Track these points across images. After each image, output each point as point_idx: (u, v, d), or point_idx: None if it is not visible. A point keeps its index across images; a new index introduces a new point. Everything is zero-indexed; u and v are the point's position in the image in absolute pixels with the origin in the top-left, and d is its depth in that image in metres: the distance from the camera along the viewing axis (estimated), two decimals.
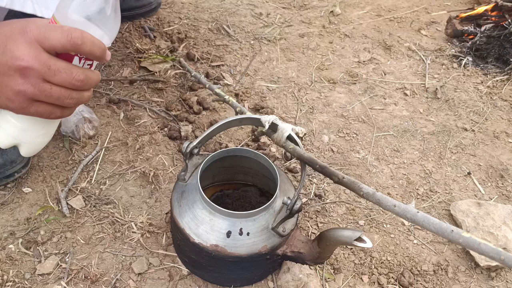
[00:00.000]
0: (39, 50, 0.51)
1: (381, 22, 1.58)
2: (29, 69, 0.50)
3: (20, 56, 0.50)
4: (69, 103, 0.55)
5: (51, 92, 0.52)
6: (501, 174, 1.07)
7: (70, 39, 0.51)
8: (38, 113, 0.54)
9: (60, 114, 0.56)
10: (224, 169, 0.87)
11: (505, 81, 1.34)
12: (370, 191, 0.65)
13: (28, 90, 0.51)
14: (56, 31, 0.52)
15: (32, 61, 0.50)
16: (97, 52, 0.55)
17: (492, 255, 0.50)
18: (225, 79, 1.27)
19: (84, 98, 0.57)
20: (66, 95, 0.54)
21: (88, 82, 0.55)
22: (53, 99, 0.53)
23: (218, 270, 0.76)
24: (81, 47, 0.53)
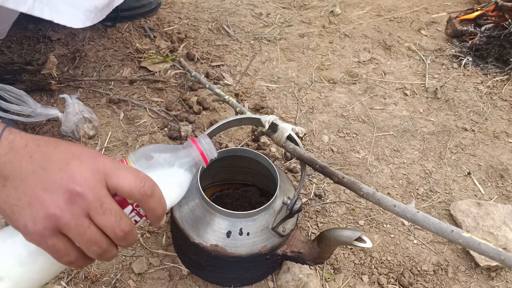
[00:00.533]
0: (101, 183, 0.46)
1: (381, 22, 1.58)
2: (80, 197, 0.44)
3: (79, 180, 0.45)
4: (94, 251, 0.47)
5: (86, 231, 0.45)
6: (501, 174, 1.07)
7: (141, 186, 0.47)
8: (53, 249, 0.45)
9: (73, 260, 0.47)
10: (224, 169, 0.87)
11: (505, 81, 1.34)
12: (370, 191, 0.65)
13: (64, 218, 0.44)
14: (130, 173, 0.47)
15: (88, 190, 0.45)
16: (158, 212, 0.50)
17: (492, 255, 0.50)
18: (225, 79, 1.27)
19: (109, 255, 0.49)
20: (99, 241, 0.46)
21: (127, 238, 0.48)
22: (83, 239, 0.45)
23: (218, 270, 0.76)
24: (147, 200, 0.48)
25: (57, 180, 0.44)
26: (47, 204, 0.44)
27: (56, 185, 0.44)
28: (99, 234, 0.46)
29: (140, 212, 0.51)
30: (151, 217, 0.50)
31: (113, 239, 0.47)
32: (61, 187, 0.44)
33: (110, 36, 1.36)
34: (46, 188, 0.44)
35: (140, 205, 0.49)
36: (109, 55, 1.30)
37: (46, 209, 0.44)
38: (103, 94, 1.17)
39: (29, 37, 1.32)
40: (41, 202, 0.44)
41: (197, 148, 0.57)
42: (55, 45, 1.30)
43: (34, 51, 1.28)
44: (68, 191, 0.44)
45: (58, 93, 1.13)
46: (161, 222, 0.51)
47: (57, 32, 1.34)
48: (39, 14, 0.86)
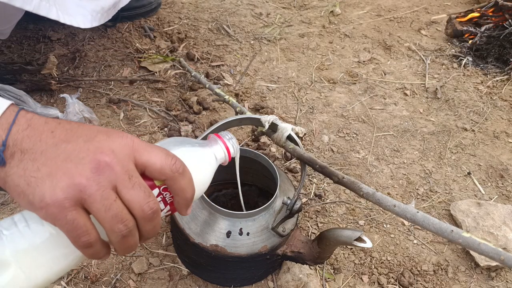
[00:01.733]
0: (130, 157, 0.42)
1: (381, 22, 1.58)
2: (108, 167, 0.40)
3: (106, 150, 0.41)
4: (119, 230, 0.41)
5: (112, 205, 0.40)
6: (501, 174, 1.07)
7: (173, 163, 0.44)
8: (72, 226, 0.39)
9: (92, 241, 0.41)
10: (224, 169, 0.87)
11: (505, 81, 1.34)
12: (370, 191, 0.65)
13: (90, 188, 0.39)
14: (161, 151, 0.44)
15: (116, 161, 0.41)
16: (188, 194, 0.46)
17: (491, 255, 0.50)
18: (225, 79, 1.27)
19: (132, 241, 0.43)
20: (125, 218, 0.41)
21: (154, 219, 0.43)
22: (108, 214, 0.40)
23: (218, 270, 0.76)
24: (178, 178, 0.44)
25: (83, 151, 0.40)
26: (71, 173, 0.39)
27: (82, 155, 0.40)
28: (125, 211, 0.41)
29: (166, 198, 0.47)
30: (180, 200, 0.46)
31: (140, 218, 0.42)
32: (87, 157, 0.40)
33: (110, 36, 1.36)
34: (70, 159, 0.40)
35: (170, 184, 0.45)
36: (109, 55, 1.30)
37: (70, 178, 0.39)
38: (103, 94, 1.17)
39: (29, 37, 1.32)
40: (64, 171, 0.39)
41: (223, 144, 0.56)
42: (55, 45, 1.30)
43: (34, 51, 1.28)
44: (95, 160, 0.40)
45: (58, 93, 1.13)
46: (188, 211, 0.48)
47: (57, 32, 1.34)
48: (45, 13, 0.86)
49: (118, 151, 0.41)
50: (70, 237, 0.40)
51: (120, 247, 0.43)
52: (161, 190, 0.46)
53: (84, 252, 0.42)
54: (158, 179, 0.45)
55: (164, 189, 0.46)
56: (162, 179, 0.45)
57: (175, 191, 0.46)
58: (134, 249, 0.45)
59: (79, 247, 0.41)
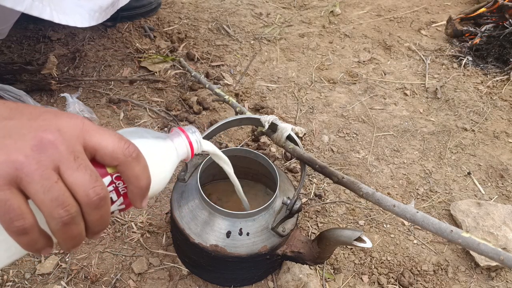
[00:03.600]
0: (78, 138, 0.38)
1: (381, 22, 1.58)
2: (51, 145, 0.36)
3: (52, 129, 0.37)
4: (59, 216, 0.36)
5: (52, 186, 0.35)
6: (501, 174, 1.07)
7: (126, 147, 0.40)
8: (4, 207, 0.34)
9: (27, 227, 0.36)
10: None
11: (505, 81, 1.34)
12: (370, 191, 0.65)
13: (27, 167, 0.35)
14: (113, 134, 0.40)
15: (61, 140, 0.37)
16: (143, 182, 0.42)
17: (491, 255, 0.50)
18: (225, 79, 1.27)
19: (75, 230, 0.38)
20: (66, 202, 0.36)
21: (101, 207, 0.38)
22: (47, 196, 0.35)
23: (218, 270, 0.76)
24: (132, 163, 0.40)
25: (26, 127, 0.36)
26: (8, 149, 0.35)
27: (23, 132, 0.36)
28: (68, 194, 0.36)
29: (119, 188, 0.42)
30: (134, 189, 0.42)
31: (84, 204, 0.37)
32: (29, 134, 0.36)
33: (110, 36, 1.36)
34: (10, 135, 0.36)
35: (123, 170, 0.41)
36: (109, 55, 1.30)
37: (6, 154, 0.35)
38: (103, 94, 1.17)
39: (29, 37, 1.32)
40: (1, 147, 0.35)
41: (186, 138, 0.52)
42: (55, 45, 1.30)
43: (34, 51, 1.28)
44: (37, 137, 0.36)
45: (58, 93, 1.13)
46: (143, 203, 0.43)
47: (57, 32, 1.34)
48: (37, 14, 0.85)
49: (65, 130, 0.37)
50: (2, 221, 0.35)
51: (62, 237, 0.38)
52: (114, 178, 0.42)
53: (19, 240, 0.36)
54: (110, 164, 0.40)
55: (117, 177, 0.42)
56: (114, 164, 0.40)
57: (128, 179, 0.41)
58: (78, 243, 0.39)
59: (12, 233, 0.36)
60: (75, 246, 0.39)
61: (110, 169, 0.41)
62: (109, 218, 0.40)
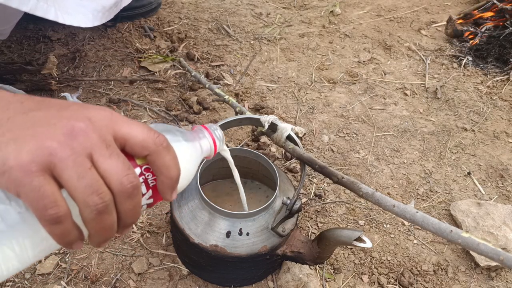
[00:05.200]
0: (108, 128, 0.38)
1: (381, 22, 1.58)
2: (83, 133, 0.36)
3: (82, 118, 0.36)
4: (94, 203, 0.35)
5: (86, 173, 0.35)
6: (501, 174, 1.07)
7: (156, 137, 0.40)
8: (38, 194, 0.33)
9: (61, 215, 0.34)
10: (224, 169, 0.87)
11: (505, 81, 1.34)
12: (370, 191, 0.65)
13: (61, 152, 0.34)
14: (142, 125, 0.40)
15: (92, 129, 0.36)
16: (173, 172, 0.41)
17: (491, 255, 0.50)
18: (225, 79, 1.27)
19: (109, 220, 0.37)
20: (100, 189, 0.35)
21: (134, 196, 0.38)
22: (81, 183, 0.35)
23: (218, 270, 0.76)
24: (163, 152, 0.40)
25: (55, 117, 0.36)
26: (41, 136, 0.34)
27: (54, 121, 0.36)
28: (101, 181, 0.36)
29: (148, 180, 0.42)
30: (165, 179, 0.41)
31: (118, 192, 0.37)
32: (60, 123, 0.36)
33: (110, 36, 1.36)
34: (40, 124, 0.35)
35: (154, 159, 0.40)
36: (109, 55, 1.30)
37: (39, 140, 0.34)
38: (103, 94, 1.17)
39: (29, 37, 1.32)
40: (32, 134, 0.34)
41: (210, 136, 0.53)
42: (55, 45, 1.30)
43: (34, 51, 1.28)
44: (68, 125, 0.36)
45: (58, 93, 1.13)
46: (173, 195, 0.42)
47: (57, 32, 1.34)
48: (42, 14, 0.86)
49: (95, 119, 0.37)
50: (35, 209, 0.34)
51: (95, 228, 0.37)
52: (143, 170, 0.41)
53: (52, 230, 0.35)
54: (140, 154, 0.40)
55: (146, 169, 0.42)
56: (144, 154, 0.40)
57: (159, 168, 0.40)
58: (110, 235, 0.38)
59: (45, 222, 0.34)
60: (106, 239, 0.39)
61: (140, 160, 0.41)
62: (140, 210, 0.40)
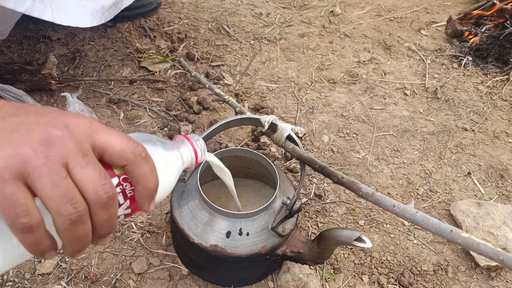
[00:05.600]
0: (85, 136, 0.37)
1: (381, 22, 1.58)
2: (60, 141, 0.35)
3: (59, 125, 0.36)
4: (68, 213, 0.34)
5: (61, 182, 0.34)
6: (501, 174, 1.07)
7: (135, 147, 0.39)
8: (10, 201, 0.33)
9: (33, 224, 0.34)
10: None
11: (505, 81, 1.34)
12: (370, 191, 0.65)
13: (35, 160, 0.33)
14: (121, 134, 0.39)
15: (69, 137, 0.36)
16: (151, 183, 0.40)
17: (491, 255, 0.50)
18: (225, 79, 1.27)
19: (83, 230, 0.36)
20: (75, 199, 0.35)
21: (109, 207, 0.37)
22: (55, 192, 0.34)
23: (218, 270, 0.76)
24: (141, 162, 0.39)
25: (33, 123, 0.35)
26: (16, 143, 0.34)
27: (31, 127, 0.35)
28: (76, 191, 0.35)
29: (126, 190, 0.41)
30: (142, 190, 0.40)
31: (93, 203, 0.36)
32: (37, 129, 0.35)
33: (110, 36, 1.36)
34: (16, 131, 0.35)
35: (132, 170, 0.39)
36: (109, 55, 1.30)
37: (14, 147, 0.34)
38: (103, 94, 1.17)
39: (29, 37, 1.32)
40: (7, 141, 0.34)
41: (191, 147, 0.51)
42: (55, 45, 1.30)
43: (34, 51, 1.28)
44: (45, 132, 0.35)
45: (58, 93, 1.13)
46: (151, 206, 0.42)
47: (57, 32, 1.34)
48: (38, 15, 0.86)
49: (73, 127, 0.36)
50: (6, 217, 0.33)
51: (68, 238, 0.36)
52: (121, 180, 0.41)
53: (23, 239, 0.34)
54: (118, 163, 0.39)
55: (124, 179, 0.41)
56: (122, 164, 0.39)
57: (137, 179, 0.40)
58: (84, 246, 0.38)
59: (17, 230, 0.34)
60: (80, 250, 0.38)
61: (118, 170, 0.40)
62: (116, 221, 0.39)
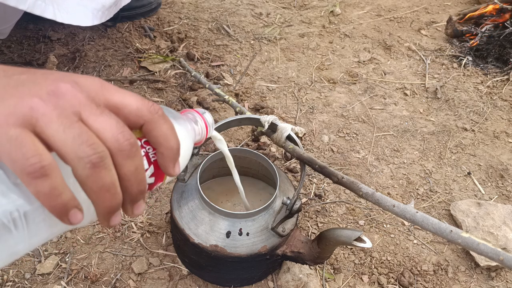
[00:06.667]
0: (97, 93, 0.33)
1: (381, 22, 1.58)
2: (70, 93, 0.31)
3: (68, 80, 0.32)
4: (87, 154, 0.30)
5: (73, 124, 0.30)
6: (501, 174, 1.07)
7: (150, 105, 0.35)
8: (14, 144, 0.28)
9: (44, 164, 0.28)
10: (224, 169, 0.87)
11: (505, 81, 1.34)
12: (369, 191, 0.65)
13: (43, 107, 0.30)
14: (134, 94, 0.36)
15: (80, 90, 0.32)
16: (172, 142, 0.37)
17: (491, 255, 0.50)
18: (225, 79, 1.27)
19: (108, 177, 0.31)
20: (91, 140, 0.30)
21: (134, 158, 0.33)
22: (68, 134, 0.30)
23: (218, 270, 0.76)
24: (159, 121, 0.36)
25: (40, 78, 0.32)
26: (22, 94, 0.30)
27: (38, 81, 0.32)
28: (91, 133, 0.31)
29: (149, 154, 0.38)
30: (165, 151, 0.37)
31: (115, 150, 0.32)
32: (44, 82, 0.31)
33: (110, 36, 1.36)
34: (23, 84, 0.31)
35: (151, 129, 0.36)
36: (109, 55, 1.30)
37: (20, 97, 0.30)
38: None
39: (29, 37, 1.32)
40: (13, 93, 0.30)
41: (203, 121, 0.50)
42: (55, 45, 1.30)
43: (34, 51, 1.28)
44: (54, 85, 0.31)
45: None
46: (176, 168, 0.38)
47: (57, 32, 1.34)
48: (39, 12, 0.86)
49: (84, 84, 0.33)
50: (12, 162, 0.28)
51: (94, 188, 0.31)
52: (143, 143, 0.38)
53: (37, 189, 0.29)
54: (135, 123, 0.36)
55: (146, 142, 0.38)
56: (140, 123, 0.36)
57: (157, 139, 0.36)
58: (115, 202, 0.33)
59: (27, 176, 0.28)
60: (112, 208, 0.33)
61: (137, 133, 0.37)
62: (145, 177, 0.35)
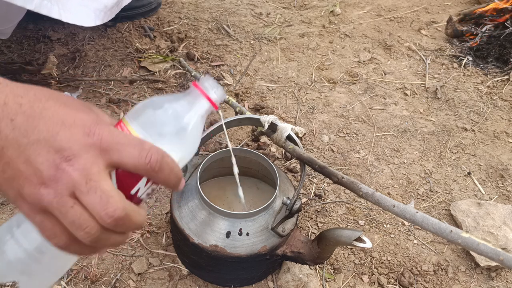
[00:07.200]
0: (94, 159, 0.40)
1: (381, 22, 1.58)
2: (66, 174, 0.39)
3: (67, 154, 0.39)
4: (82, 236, 0.39)
5: (68, 212, 0.38)
6: (501, 174, 1.07)
7: (147, 162, 0.41)
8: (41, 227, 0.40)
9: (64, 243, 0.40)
10: (224, 169, 0.87)
11: (505, 81, 1.34)
12: (369, 191, 0.65)
13: (46, 197, 0.39)
14: (133, 147, 0.41)
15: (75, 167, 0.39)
16: (172, 181, 0.43)
17: (491, 255, 0.50)
18: (225, 79, 1.27)
19: (108, 242, 0.41)
20: (84, 225, 0.39)
21: (119, 225, 0.40)
22: (66, 222, 0.39)
23: (218, 270, 0.76)
24: (157, 174, 0.42)
25: (43, 154, 0.39)
26: (30, 180, 0.39)
27: (41, 160, 0.39)
28: (84, 217, 0.39)
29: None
30: (167, 186, 0.45)
31: (104, 226, 0.39)
32: (46, 162, 0.39)
33: (110, 36, 1.36)
34: (29, 161, 0.39)
35: (150, 177, 0.43)
36: (109, 55, 1.30)
37: (30, 186, 0.39)
38: (103, 94, 1.17)
39: (29, 37, 1.32)
40: (25, 177, 0.39)
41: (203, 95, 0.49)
42: (55, 45, 1.30)
43: (34, 51, 1.28)
44: (54, 166, 0.39)
45: None
46: (180, 187, 0.45)
47: (57, 32, 1.34)
48: (46, 12, 0.86)
49: (81, 154, 0.39)
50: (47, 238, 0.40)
51: (94, 252, 0.43)
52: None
53: (65, 250, 0.41)
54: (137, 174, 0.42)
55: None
56: (141, 175, 0.42)
57: (158, 183, 0.44)
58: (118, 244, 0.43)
59: (55, 245, 0.40)
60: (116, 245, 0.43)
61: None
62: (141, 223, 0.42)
